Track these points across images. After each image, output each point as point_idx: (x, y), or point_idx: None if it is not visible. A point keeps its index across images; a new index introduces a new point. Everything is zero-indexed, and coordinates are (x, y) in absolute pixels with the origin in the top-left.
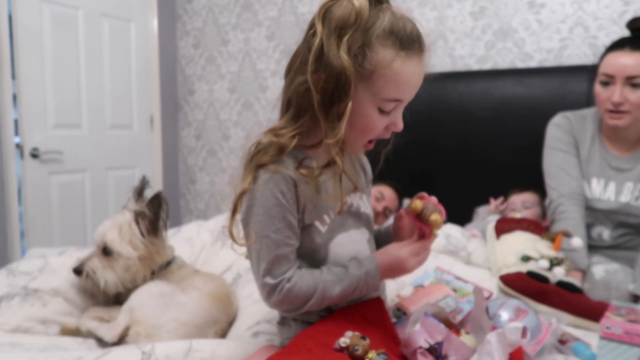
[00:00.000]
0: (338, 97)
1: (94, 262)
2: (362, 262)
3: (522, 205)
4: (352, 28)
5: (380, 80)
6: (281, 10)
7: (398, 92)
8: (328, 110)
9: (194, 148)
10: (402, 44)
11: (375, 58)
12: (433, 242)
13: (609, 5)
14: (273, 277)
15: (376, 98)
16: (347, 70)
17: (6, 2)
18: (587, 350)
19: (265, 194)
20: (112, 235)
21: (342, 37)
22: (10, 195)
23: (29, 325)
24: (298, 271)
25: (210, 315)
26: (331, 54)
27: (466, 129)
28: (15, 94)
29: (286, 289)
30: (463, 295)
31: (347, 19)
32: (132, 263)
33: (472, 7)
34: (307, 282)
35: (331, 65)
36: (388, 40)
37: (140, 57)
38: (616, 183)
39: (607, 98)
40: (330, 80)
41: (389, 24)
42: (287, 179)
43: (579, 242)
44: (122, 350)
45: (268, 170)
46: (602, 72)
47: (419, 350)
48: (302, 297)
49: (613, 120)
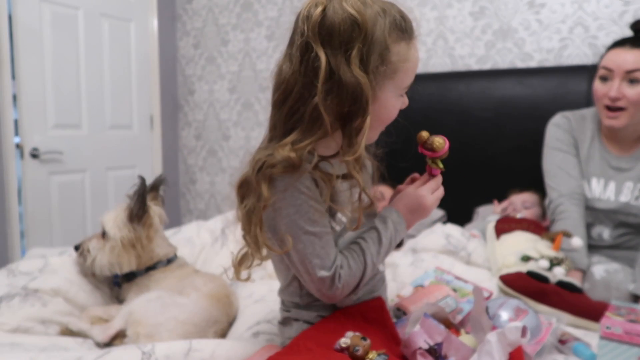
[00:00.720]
0: (355, 114)
1: (92, 242)
2: (385, 217)
3: (522, 205)
4: (358, 40)
5: (402, 73)
6: (281, 10)
7: (410, 76)
8: (344, 128)
9: (194, 148)
10: (406, 33)
11: (395, 56)
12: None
13: (609, 5)
14: (327, 269)
15: (399, 89)
16: (364, 86)
17: (6, 2)
18: (587, 350)
19: (291, 194)
20: (108, 217)
21: (350, 52)
22: (10, 195)
23: (29, 325)
24: (340, 255)
25: (211, 315)
26: (342, 72)
27: (466, 129)
28: (15, 94)
29: (344, 275)
30: (463, 295)
31: (350, 31)
32: (115, 245)
33: (472, 7)
34: (356, 260)
35: (345, 84)
36: (395, 35)
37: (140, 57)
38: (616, 183)
39: (605, 93)
40: (345, 100)
41: (388, 19)
42: (307, 176)
43: (579, 242)
44: (122, 350)
45: (284, 176)
46: (602, 66)
47: (418, 352)
48: (358, 275)
49: (610, 120)
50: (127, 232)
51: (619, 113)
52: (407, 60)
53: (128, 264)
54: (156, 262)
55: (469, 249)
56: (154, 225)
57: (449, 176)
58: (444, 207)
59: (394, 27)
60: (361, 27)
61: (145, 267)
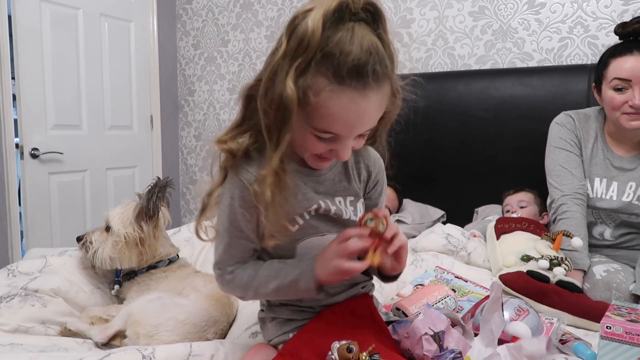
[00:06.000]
0: (277, 126)
1: (95, 235)
2: (302, 260)
3: (517, 205)
4: (305, 54)
5: (309, 107)
6: (281, 10)
7: (328, 124)
8: (269, 137)
9: (194, 148)
10: (336, 74)
11: (310, 82)
12: (374, 262)
13: (608, 5)
14: (219, 268)
15: (308, 124)
16: (290, 101)
17: (6, 2)
18: (588, 350)
19: (224, 194)
20: (114, 212)
21: (294, 63)
22: (10, 195)
23: (29, 325)
24: (247, 264)
25: (210, 316)
26: (278, 78)
27: (466, 129)
28: (15, 94)
29: (227, 280)
30: (463, 294)
31: (301, 41)
32: (119, 240)
33: (472, 7)
34: (247, 275)
35: (275, 90)
36: (322, 67)
37: (140, 57)
38: (619, 183)
39: (624, 102)
40: (271, 105)
41: (330, 48)
42: (241, 183)
43: (579, 242)
44: (122, 352)
45: (232, 173)
46: (614, 77)
47: (424, 337)
48: (240, 289)
49: (632, 122)
50: (132, 229)
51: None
52: (317, 96)
53: (129, 260)
54: (158, 261)
55: (469, 248)
56: (160, 225)
57: (449, 176)
58: (444, 207)
59: (328, 59)
60: (310, 40)
61: (147, 266)
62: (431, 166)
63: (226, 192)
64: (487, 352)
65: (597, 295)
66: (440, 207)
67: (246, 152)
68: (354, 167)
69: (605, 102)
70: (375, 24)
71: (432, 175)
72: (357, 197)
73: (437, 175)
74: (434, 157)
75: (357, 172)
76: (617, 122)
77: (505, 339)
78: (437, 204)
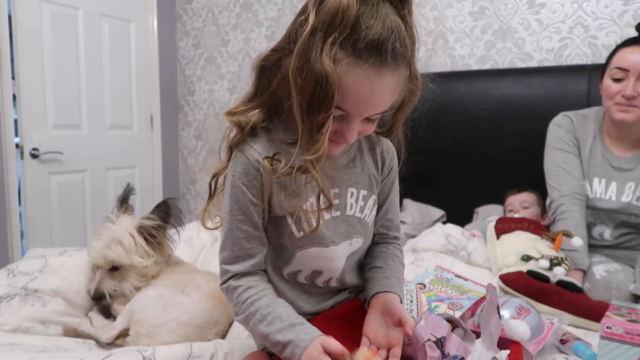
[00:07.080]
0: (318, 106)
1: (108, 283)
2: (301, 333)
3: (520, 205)
4: (339, 29)
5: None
6: (281, 10)
7: (339, 100)
8: (305, 118)
9: (194, 148)
10: (354, 48)
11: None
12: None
13: (609, 5)
14: (226, 264)
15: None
16: (330, 78)
17: (6, 2)
18: (588, 350)
19: (228, 173)
20: (117, 251)
21: (327, 38)
22: (10, 195)
23: (29, 325)
24: (255, 281)
25: (212, 317)
26: (314, 55)
27: (466, 129)
28: (15, 94)
29: (231, 287)
30: (463, 292)
31: (335, 15)
32: (147, 271)
33: (472, 7)
34: (249, 300)
35: (312, 68)
36: (345, 41)
37: (140, 57)
38: (618, 183)
39: (618, 91)
40: (309, 84)
41: (355, 23)
42: (245, 159)
43: (579, 242)
44: (123, 353)
45: (237, 150)
46: (615, 66)
47: (427, 343)
48: (236, 306)
49: (621, 113)
50: (152, 253)
51: (632, 108)
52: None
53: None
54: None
55: (469, 248)
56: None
57: (449, 176)
58: (444, 207)
59: (351, 34)
60: (345, 15)
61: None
62: (431, 166)
63: (229, 171)
64: (488, 355)
65: (597, 295)
66: (440, 207)
67: (253, 128)
68: (369, 153)
69: (602, 91)
70: (400, 5)
71: (432, 175)
72: (370, 191)
73: (437, 175)
74: (434, 157)
75: (372, 158)
76: (609, 112)
77: (506, 337)
78: (437, 204)
